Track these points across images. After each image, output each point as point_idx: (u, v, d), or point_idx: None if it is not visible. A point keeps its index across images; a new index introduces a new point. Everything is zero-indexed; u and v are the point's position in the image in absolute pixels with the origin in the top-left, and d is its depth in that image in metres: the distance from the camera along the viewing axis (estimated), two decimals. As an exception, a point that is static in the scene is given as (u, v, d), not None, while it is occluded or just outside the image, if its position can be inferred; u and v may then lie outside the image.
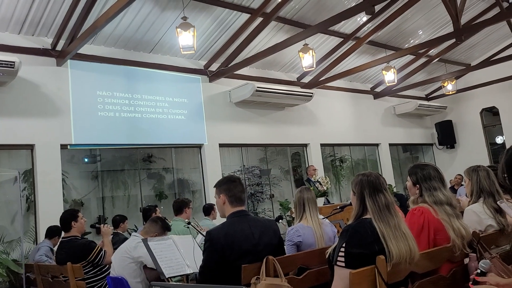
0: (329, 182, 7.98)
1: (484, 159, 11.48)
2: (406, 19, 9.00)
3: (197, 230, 4.50)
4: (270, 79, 9.28)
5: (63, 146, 6.75)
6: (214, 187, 3.01)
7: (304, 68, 8.16)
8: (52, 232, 5.50)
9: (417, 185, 2.79)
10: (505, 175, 1.95)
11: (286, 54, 8.88)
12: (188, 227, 4.52)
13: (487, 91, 11.57)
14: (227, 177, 3.03)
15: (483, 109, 12.18)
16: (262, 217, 8.54)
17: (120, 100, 7.36)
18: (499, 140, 12.40)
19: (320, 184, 7.66)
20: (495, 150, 12.14)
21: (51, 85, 6.69)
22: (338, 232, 4.44)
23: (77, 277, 4.05)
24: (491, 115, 12.43)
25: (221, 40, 7.97)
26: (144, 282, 3.46)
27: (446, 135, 12.56)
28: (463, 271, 2.61)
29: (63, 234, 4.52)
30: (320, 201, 7.68)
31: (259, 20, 7.51)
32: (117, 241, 5.39)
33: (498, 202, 2.83)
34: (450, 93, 11.45)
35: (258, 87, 8.34)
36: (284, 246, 3.27)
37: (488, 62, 10.65)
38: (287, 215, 7.01)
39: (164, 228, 3.75)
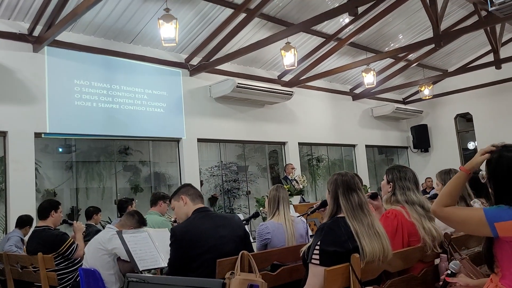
0: (306, 181, 8.04)
1: (456, 164, 11.73)
2: (388, 22, 9.12)
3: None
4: (251, 76, 9.28)
5: (37, 135, 6.59)
6: (169, 200, 3.11)
7: (285, 67, 8.16)
8: (23, 222, 5.36)
9: (391, 183, 2.85)
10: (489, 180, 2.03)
11: (268, 52, 8.89)
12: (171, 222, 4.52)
13: (462, 97, 11.85)
14: (181, 185, 3.18)
15: (457, 115, 12.47)
16: (224, 213, 8.61)
17: (98, 90, 7.23)
18: (471, 146, 12.73)
19: (297, 182, 7.71)
20: (467, 155, 12.45)
21: (26, 71, 6.51)
22: (313, 230, 4.49)
23: (48, 268, 3.97)
24: (464, 121, 12.75)
25: (203, 34, 7.91)
26: (117, 274, 3.43)
27: (421, 139, 12.81)
28: (433, 271, 2.68)
29: (36, 223, 4.43)
30: (296, 199, 7.73)
31: (242, 16, 7.49)
32: (90, 232, 5.31)
33: (471, 202, 2.92)
34: (427, 97, 11.67)
35: (238, 83, 8.31)
36: (254, 241, 3.32)
37: (464, 69, 10.91)
38: (263, 212, 7.03)
39: (140, 222, 3.72)
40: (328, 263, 2.23)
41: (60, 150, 8.45)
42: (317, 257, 2.26)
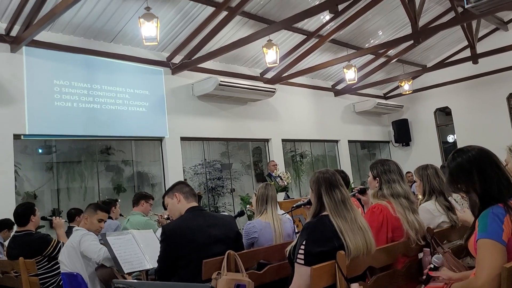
0: (290, 178, 8.09)
1: (436, 157, 11.98)
2: (367, 19, 9.21)
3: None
4: (233, 74, 9.26)
5: (16, 136, 6.46)
6: (164, 196, 3.10)
7: (267, 64, 8.19)
8: (2, 225, 5.25)
9: (377, 178, 2.88)
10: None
11: (250, 49, 8.88)
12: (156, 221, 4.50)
13: (441, 91, 12.07)
14: (175, 182, 3.15)
15: (437, 109, 12.70)
16: (218, 213, 8.59)
17: (78, 90, 7.12)
18: (450, 139, 12.99)
19: (281, 179, 7.76)
20: (446, 148, 12.70)
21: (4, 72, 6.37)
22: (297, 226, 4.51)
23: (30, 272, 3.90)
24: (444, 114, 12.99)
25: (184, 33, 7.86)
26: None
27: (402, 133, 13.00)
28: (417, 265, 2.73)
29: (15, 228, 4.35)
30: (281, 196, 7.77)
31: (223, 14, 7.46)
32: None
33: (449, 198, 2.97)
34: (407, 92, 11.86)
35: (221, 81, 8.29)
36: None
37: (442, 64, 11.11)
38: (248, 210, 7.04)
39: (94, 208, 3.69)
40: (313, 263, 2.24)
41: (40, 151, 8.29)
42: (302, 257, 2.28)
